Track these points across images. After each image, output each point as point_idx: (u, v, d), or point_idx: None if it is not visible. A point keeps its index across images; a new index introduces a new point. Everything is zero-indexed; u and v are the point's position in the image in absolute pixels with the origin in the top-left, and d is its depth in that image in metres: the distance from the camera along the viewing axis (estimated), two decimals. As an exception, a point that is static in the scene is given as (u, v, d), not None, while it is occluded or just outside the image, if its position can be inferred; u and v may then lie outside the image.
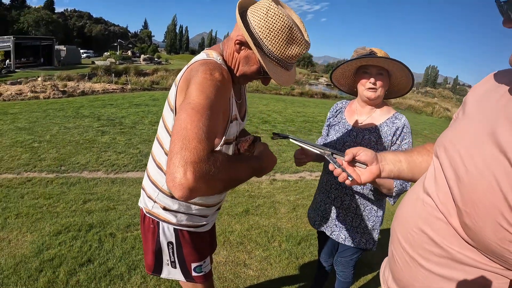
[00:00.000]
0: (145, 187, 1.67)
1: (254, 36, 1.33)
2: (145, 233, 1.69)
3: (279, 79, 1.40)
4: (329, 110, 2.51)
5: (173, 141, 1.03)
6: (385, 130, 2.12)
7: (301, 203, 5.39)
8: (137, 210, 4.44)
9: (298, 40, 1.35)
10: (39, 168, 5.90)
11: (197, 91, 1.18)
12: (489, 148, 0.89)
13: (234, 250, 3.76)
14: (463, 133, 1.02)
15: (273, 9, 1.30)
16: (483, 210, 0.87)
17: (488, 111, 0.97)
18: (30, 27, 65.77)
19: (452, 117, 5.10)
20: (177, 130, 1.05)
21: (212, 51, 1.45)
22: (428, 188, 1.09)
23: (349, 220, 2.23)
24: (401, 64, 1.99)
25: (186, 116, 1.08)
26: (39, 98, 15.59)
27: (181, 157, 0.98)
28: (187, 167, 0.97)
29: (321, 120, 14.47)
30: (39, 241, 3.55)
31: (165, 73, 27.39)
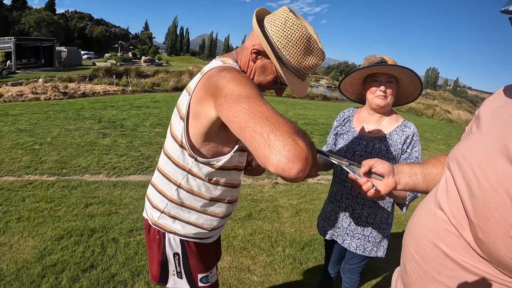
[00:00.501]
0: (151, 198, 1.63)
1: (272, 46, 1.33)
2: (150, 243, 1.66)
3: (296, 89, 1.39)
4: (336, 119, 2.49)
5: (255, 125, 0.95)
6: (395, 138, 2.13)
7: (304, 207, 5.37)
8: (139, 215, 4.42)
9: (315, 50, 1.36)
10: (40, 171, 5.87)
11: (238, 85, 1.13)
12: (501, 163, 0.88)
13: (238, 255, 3.73)
14: (475, 147, 1.01)
15: (292, 19, 1.31)
16: (495, 224, 0.87)
17: (500, 126, 0.97)
18: (31, 28, 65.86)
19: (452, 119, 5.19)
20: (250, 116, 0.98)
21: (227, 58, 1.43)
22: (440, 201, 1.09)
23: (360, 229, 2.22)
24: (411, 71, 1.98)
25: (248, 104, 1.03)
26: (40, 100, 15.55)
27: (283, 131, 0.91)
28: (295, 136, 0.91)
29: (322, 123, 14.46)
30: (41, 246, 3.51)
31: (166, 74, 27.36)
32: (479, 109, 1.15)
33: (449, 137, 17.59)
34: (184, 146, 1.41)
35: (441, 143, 14.70)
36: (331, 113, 18.91)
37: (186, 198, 1.52)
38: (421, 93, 2.19)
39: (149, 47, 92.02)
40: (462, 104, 79.02)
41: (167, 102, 16.34)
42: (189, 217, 1.56)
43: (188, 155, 1.42)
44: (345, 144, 2.26)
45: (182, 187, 1.50)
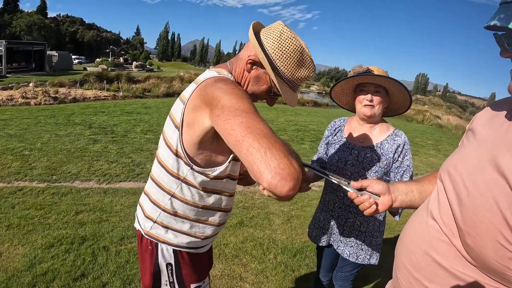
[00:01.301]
0: (144, 207, 1.63)
1: (268, 57, 1.38)
2: (142, 254, 1.65)
3: (288, 99, 1.45)
4: (327, 128, 2.51)
5: (252, 140, 1.00)
6: (386, 147, 2.15)
7: (295, 214, 5.38)
8: (130, 222, 4.39)
9: (308, 63, 1.44)
10: (30, 177, 5.82)
11: (236, 98, 1.18)
12: (490, 172, 0.94)
13: (230, 263, 3.73)
14: (466, 158, 1.07)
15: (286, 32, 1.38)
16: (483, 229, 0.91)
17: (490, 138, 1.03)
18: (22, 32, 65.38)
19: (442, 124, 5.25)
20: (248, 131, 1.03)
21: (222, 69, 1.47)
22: (432, 211, 1.13)
23: (353, 237, 2.24)
24: (396, 82, 2.01)
25: (246, 119, 1.07)
26: (30, 104, 15.46)
27: (279, 149, 0.97)
28: (289, 157, 0.96)
29: (313, 129, 14.51)
30: (31, 254, 3.48)
31: (157, 80, 27.32)
32: (470, 123, 1.21)
33: (439, 142, 17.74)
34: (180, 154, 1.42)
35: (431, 148, 14.82)
36: (321, 119, 18.99)
37: (180, 208, 1.52)
38: (411, 103, 2.22)
39: (140, 52, 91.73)
40: (452, 109, 79.72)
41: (158, 108, 16.31)
42: (182, 226, 1.55)
43: (184, 163, 1.43)
44: (337, 153, 2.27)
45: (175, 196, 1.50)
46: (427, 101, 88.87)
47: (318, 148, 2.54)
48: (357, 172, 2.17)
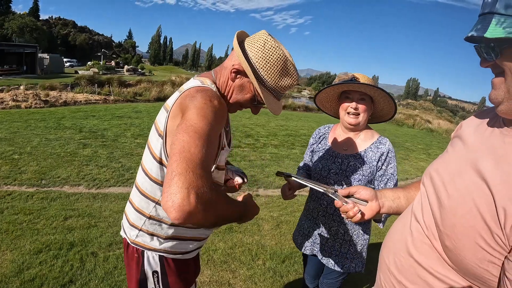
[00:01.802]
0: (129, 216, 1.64)
1: (252, 66, 1.41)
2: (128, 262, 1.66)
3: (272, 107, 1.49)
4: (312, 136, 2.52)
5: (176, 160, 1.02)
6: (370, 155, 2.15)
7: (285, 219, 5.39)
8: (119, 228, 4.37)
9: (291, 72, 1.46)
10: (19, 182, 5.80)
11: (198, 115, 1.19)
12: (470, 175, 0.98)
13: (218, 269, 3.74)
14: (448, 163, 1.12)
15: (270, 42, 1.41)
16: (462, 231, 0.94)
17: (474, 143, 1.07)
18: (14, 34, 64.82)
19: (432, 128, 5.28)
20: (180, 151, 1.05)
21: (206, 78, 1.48)
22: (415, 213, 1.17)
23: (337, 246, 2.24)
24: (382, 90, 2.03)
25: (189, 138, 1.09)
26: (21, 107, 15.35)
27: (186, 179, 0.97)
28: (191, 191, 0.96)
29: (304, 134, 14.55)
30: (19, 260, 3.47)
31: (149, 84, 27.23)
32: (456, 131, 1.25)
33: (430, 146, 17.85)
34: (164, 162, 1.43)
35: (422, 153, 14.92)
36: (312, 124, 19.04)
37: (165, 215, 1.52)
38: (396, 111, 2.24)
39: (132, 56, 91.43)
40: (442, 113, 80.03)
41: (149, 112, 16.25)
42: (167, 232, 1.56)
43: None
44: (321, 162, 2.28)
45: (160, 203, 1.48)
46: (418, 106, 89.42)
47: (304, 155, 2.56)
48: (341, 180, 2.17)
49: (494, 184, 0.90)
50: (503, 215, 0.85)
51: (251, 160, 9.00)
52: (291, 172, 1.92)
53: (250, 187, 6.78)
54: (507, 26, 0.83)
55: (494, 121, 1.06)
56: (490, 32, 0.85)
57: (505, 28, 0.83)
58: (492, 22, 0.86)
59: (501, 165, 0.92)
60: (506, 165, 0.91)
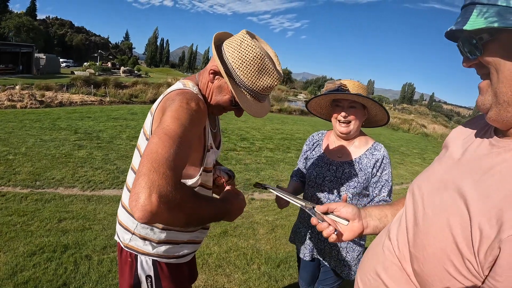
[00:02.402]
0: (122, 219, 1.63)
1: (227, 66, 1.39)
2: (122, 266, 1.65)
3: (250, 109, 1.45)
4: (305, 142, 2.51)
5: (142, 162, 1.02)
6: (365, 162, 2.13)
7: (280, 223, 5.38)
8: (113, 231, 4.34)
9: (269, 71, 1.41)
10: (14, 182, 5.76)
11: (171, 118, 1.18)
12: (450, 192, 0.89)
13: (213, 273, 3.73)
14: (430, 178, 1.03)
15: (247, 41, 1.38)
16: (431, 254, 0.86)
17: (457, 156, 0.99)
18: (10, 33, 64.59)
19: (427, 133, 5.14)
20: (147, 152, 1.04)
21: (189, 81, 1.50)
22: (390, 231, 1.10)
23: (334, 253, 2.23)
24: (369, 99, 2.02)
25: (158, 140, 1.08)
26: (16, 107, 15.29)
27: (149, 179, 0.97)
28: (153, 190, 0.95)
29: (299, 137, 14.56)
30: (12, 262, 3.45)
31: (144, 86, 27.18)
32: (446, 140, 1.18)
33: (425, 151, 17.91)
34: None
35: (417, 157, 14.96)
36: (308, 128, 19.06)
37: None
38: (389, 117, 2.23)
39: (128, 58, 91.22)
40: (438, 118, 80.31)
41: (145, 114, 15.97)
42: (160, 236, 1.55)
43: None
44: (315, 169, 2.27)
45: None
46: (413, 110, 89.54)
47: (298, 162, 2.54)
48: (336, 188, 2.16)
49: (472, 201, 0.81)
50: (478, 237, 0.76)
51: (247, 163, 8.99)
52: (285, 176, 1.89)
53: (245, 190, 6.78)
54: (489, 16, 0.76)
55: (485, 130, 0.99)
56: (470, 23, 0.79)
57: (486, 18, 0.76)
58: (473, 13, 0.80)
59: (483, 179, 0.83)
60: (488, 179, 0.82)
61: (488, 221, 0.75)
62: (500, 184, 0.79)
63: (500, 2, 0.76)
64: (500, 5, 0.75)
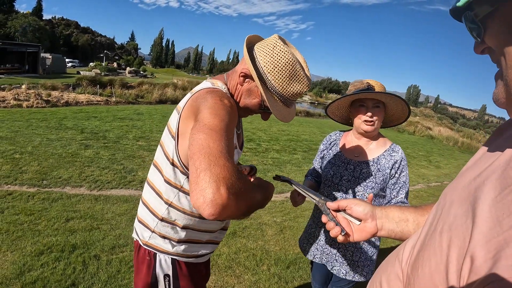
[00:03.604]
0: (142, 217, 1.62)
1: (258, 70, 1.39)
2: (139, 265, 1.64)
3: (279, 114, 1.46)
4: (322, 142, 2.49)
5: (197, 158, 0.99)
6: (383, 163, 2.12)
7: (288, 224, 5.35)
8: (121, 231, 4.33)
9: (300, 77, 1.42)
10: (20, 181, 5.73)
11: (210, 114, 1.18)
12: (466, 206, 0.72)
13: (223, 274, 3.69)
14: (458, 184, 0.84)
15: (279, 46, 1.39)
16: (421, 277, 0.75)
17: (487, 160, 0.79)
18: (16, 33, 64.99)
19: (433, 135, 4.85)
20: (199, 148, 1.02)
21: (217, 80, 1.50)
22: (409, 241, 0.94)
23: (349, 255, 2.19)
24: (399, 98, 2.02)
25: (205, 135, 1.07)
26: (22, 107, 15.29)
27: (212, 173, 0.94)
28: (219, 183, 0.93)
29: (305, 139, 14.54)
30: (20, 261, 3.41)
31: (150, 87, 27.19)
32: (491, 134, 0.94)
33: (430, 153, 17.89)
34: (176, 164, 1.44)
35: (423, 160, 14.94)
36: (314, 129, 19.05)
37: (177, 217, 1.52)
38: (409, 116, 2.21)
39: (134, 58, 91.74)
40: (443, 120, 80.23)
41: (151, 114, 16.23)
42: (180, 235, 1.55)
43: (180, 172, 1.44)
44: (332, 168, 2.24)
45: (173, 205, 1.50)
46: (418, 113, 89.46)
47: (313, 161, 2.53)
48: (353, 187, 2.14)
49: (480, 221, 0.64)
50: (468, 268, 0.61)
51: (253, 164, 8.89)
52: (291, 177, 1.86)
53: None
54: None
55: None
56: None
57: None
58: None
59: (504, 194, 0.63)
60: (508, 195, 0.62)
61: (486, 251, 0.59)
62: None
63: None
64: None
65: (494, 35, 0.66)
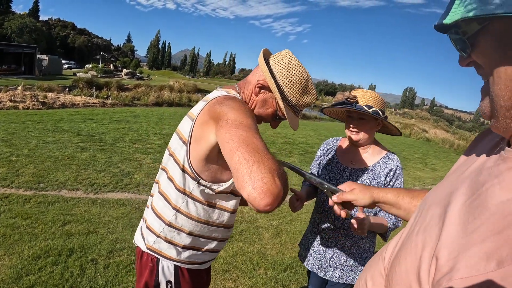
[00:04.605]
0: (148, 221, 1.63)
1: (277, 83, 1.47)
2: (141, 270, 1.65)
3: (292, 123, 1.56)
4: (319, 148, 2.52)
5: (246, 152, 1.04)
6: (378, 170, 2.15)
7: (285, 228, 5.36)
8: (118, 235, 4.33)
9: (310, 90, 1.56)
10: (17, 184, 5.72)
11: (240, 114, 1.24)
12: (440, 209, 0.77)
13: (220, 278, 3.71)
14: (437, 189, 0.90)
15: (294, 61, 1.51)
16: (398, 275, 0.78)
17: (465, 166, 0.85)
18: (13, 34, 64.72)
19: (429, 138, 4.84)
20: (245, 143, 1.07)
21: (231, 89, 1.57)
22: (393, 240, 0.98)
23: (343, 259, 2.21)
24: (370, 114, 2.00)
25: (246, 132, 1.12)
26: (18, 108, 15.24)
27: (265, 165, 1.00)
28: (274, 173, 0.99)
29: (302, 142, 14.55)
30: (18, 265, 3.40)
31: (147, 89, 27.13)
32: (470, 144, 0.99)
33: (426, 156, 17.91)
34: (186, 170, 1.46)
35: (419, 162, 14.96)
36: (310, 132, 19.03)
37: (184, 223, 1.53)
38: (399, 131, 2.25)
39: (130, 60, 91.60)
40: (439, 123, 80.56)
41: (147, 117, 16.21)
42: (185, 241, 1.57)
43: (190, 178, 1.47)
44: (328, 175, 2.27)
45: (180, 211, 1.52)
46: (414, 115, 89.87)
47: (310, 167, 2.55)
48: None
49: (449, 224, 0.69)
50: (434, 265, 0.66)
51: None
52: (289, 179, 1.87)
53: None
54: (470, 3, 0.60)
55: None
56: (450, 15, 0.65)
57: (466, 6, 0.61)
58: (455, 2, 0.65)
59: (473, 198, 0.69)
60: (476, 200, 0.68)
61: (449, 252, 0.64)
62: (479, 209, 0.65)
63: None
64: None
65: (481, 52, 0.66)
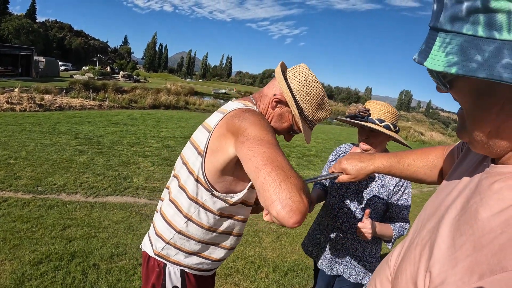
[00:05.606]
0: (158, 228, 1.63)
1: (294, 98, 1.48)
2: (148, 275, 1.66)
3: (307, 136, 1.59)
4: (331, 153, 2.55)
5: (272, 170, 1.04)
6: (388, 179, 2.19)
7: (285, 231, 5.36)
8: (119, 239, 4.31)
9: (325, 106, 1.58)
10: (15, 188, 5.68)
11: (261, 130, 1.24)
12: (435, 220, 0.80)
13: (222, 282, 3.71)
14: (435, 198, 0.93)
15: (311, 76, 1.52)
16: (400, 283, 0.82)
17: (458, 178, 0.87)
18: (10, 35, 64.59)
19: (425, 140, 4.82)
20: (270, 161, 1.08)
21: (247, 102, 1.57)
22: (396, 248, 1.01)
23: (348, 259, 2.25)
24: (380, 131, 2.05)
25: (269, 150, 1.12)
26: (15, 110, 15.21)
27: (292, 183, 1.01)
28: (300, 191, 1.00)
29: (299, 145, 14.53)
30: (19, 271, 3.38)
31: (144, 91, 27.14)
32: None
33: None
34: (200, 180, 1.47)
35: (416, 167, 14.94)
36: (308, 135, 19.03)
37: (194, 231, 1.54)
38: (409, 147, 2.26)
39: (127, 62, 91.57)
40: (435, 125, 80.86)
41: (145, 120, 16.21)
42: (194, 248, 1.57)
43: (204, 189, 1.47)
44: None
45: (192, 219, 1.52)
46: (410, 118, 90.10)
47: (322, 171, 2.56)
48: (357, 200, 2.20)
49: (440, 238, 0.73)
50: (428, 278, 0.69)
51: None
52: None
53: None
54: (451, 52, 0.58)
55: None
56: (430, 59, 0.61)
57: (447, 55, 0.58)
58: (436, 43, 0.61)
59: (461, 213, 0.72)
60: (463, 215, 0.71)
61: (440, 266, 0.68)
62: (465, 226, 0.68)
63: (465, 30, 0.56)
64: (465, 34, 0.56)
65: (460, 94, 0.68)
